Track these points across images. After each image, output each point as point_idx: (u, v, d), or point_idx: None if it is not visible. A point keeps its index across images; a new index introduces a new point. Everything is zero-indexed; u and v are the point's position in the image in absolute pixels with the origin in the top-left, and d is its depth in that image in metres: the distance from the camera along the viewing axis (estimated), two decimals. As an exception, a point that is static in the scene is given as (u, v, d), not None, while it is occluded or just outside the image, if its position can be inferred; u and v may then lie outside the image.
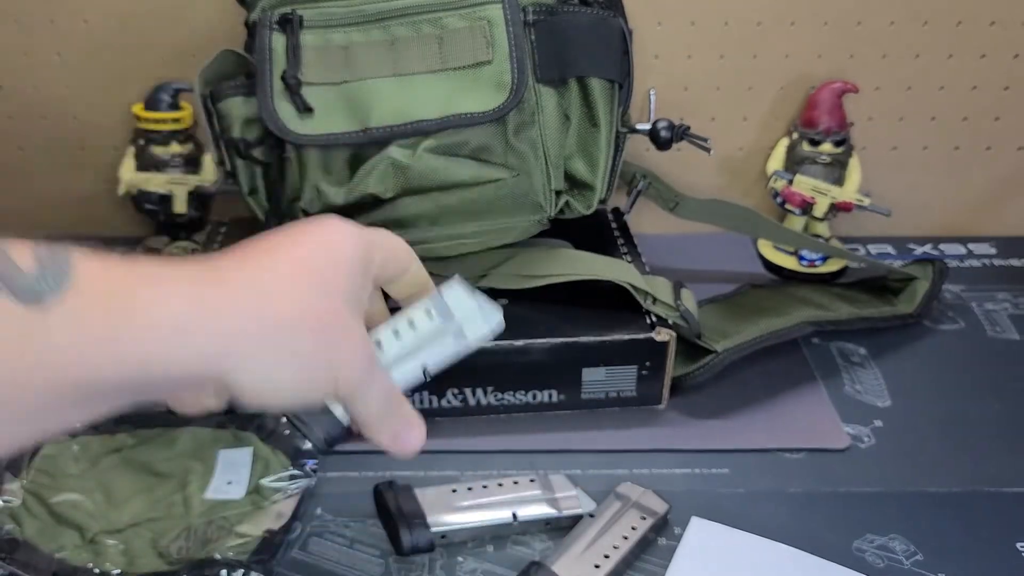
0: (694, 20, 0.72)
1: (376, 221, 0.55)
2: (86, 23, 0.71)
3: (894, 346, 0.65)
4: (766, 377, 0.61)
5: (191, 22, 0.71)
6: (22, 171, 0.77)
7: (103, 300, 0.30)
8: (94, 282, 0.30)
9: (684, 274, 0.63)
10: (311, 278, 0.36)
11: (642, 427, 0.57)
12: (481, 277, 0.59)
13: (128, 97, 0.73)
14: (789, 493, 0.52)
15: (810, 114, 0.72)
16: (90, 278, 0.30)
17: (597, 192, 0.59)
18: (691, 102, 0.75)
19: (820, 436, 0.57)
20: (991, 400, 0.60)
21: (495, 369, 0.55)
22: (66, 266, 0.30)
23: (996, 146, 0.78)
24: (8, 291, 0.29)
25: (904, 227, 0.79)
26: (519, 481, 0.50)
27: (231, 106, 0.55)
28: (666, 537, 0.49)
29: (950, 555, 0.48)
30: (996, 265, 0.76)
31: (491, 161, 0.55)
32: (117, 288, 0.31)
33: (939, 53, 0.74)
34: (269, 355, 0.34)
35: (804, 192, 0.72)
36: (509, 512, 0.49)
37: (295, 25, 0.55)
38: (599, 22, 0.57)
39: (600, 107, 0.57)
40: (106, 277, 0.31)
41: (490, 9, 0.55)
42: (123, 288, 0.31)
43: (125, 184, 0.71)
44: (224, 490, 0.50)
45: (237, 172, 0.56)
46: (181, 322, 0.32)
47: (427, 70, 0.55)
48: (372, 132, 0.53)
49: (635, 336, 0.55)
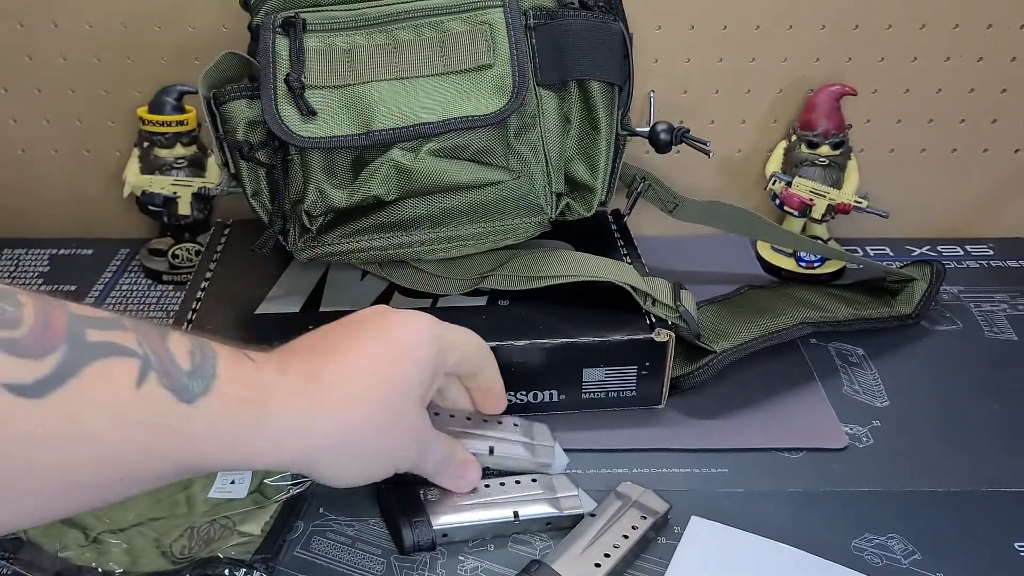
0: (693, 24, 0.72)
1: (379, 223, 0.56)
2: (90, 26, 0.72)
3: (892, 347, 0.66)
4: (765, 377, 0.62)
5: (194, 25, 0.72)
6: (26, 174, 0.78)
7: (237, 407, 0.37)
8: (231, 387, 0.37)
9: (683, 275, 0.63)
10: (383, 388, 0.43)
11: (642, 427, 0.57)
12: (483, 278, 0.59)
13: (132, 100, 0.74)
14: (788, 493, 0.53)
15: (808, 117, 0.73)
16: (229, 382, 0.37)
17: (597, 194, 0.59)
18: (690, 105, 0.75)
19: (819, 436, 0.57)
20: (989, 400, 0.60)
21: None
22: (213, 368, 0.37)
23: (993, 148, 0.78)
24: (168, 388, 0.35)
25: (902, 229, 0.79)
26: (520, 480, 0.51)
27: (235, 109, 0.55)
28: (666, 536, 0.49)
29: (948, 555, 0.48)
30: (993, 266, 0.77)
31: (492, 164, 0.56)
32: (248, 397, 0.38)
33: (937, 56, 0.74)
34: (343, 458, 0.42)
35: (803, 194, 0.72)
36: (510, 511, 0.49)
37: (298, 29, 0.55)
38: (599, 26, 0.57)
39: (600, 110, 0.58)
40: (240, 384, 0.38)
41: (491, 13, 0.56)
42: (252, 399, 0.38)
43: (129, 186, 0.72)
44: (227, 489, 0.50)
45: (241, 174, 0.56)
46: (284, 437, 0.39)
47: (429, 73, 0.55)
48: (375, 135, 0.54)
49: (635, 337, 0.56)
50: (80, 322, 0.34)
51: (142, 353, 0.34)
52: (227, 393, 0.37)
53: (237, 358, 0.39)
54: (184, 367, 0.36)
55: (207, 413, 0.36)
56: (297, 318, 0.58)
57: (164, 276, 0.74)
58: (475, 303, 0.59)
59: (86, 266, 0.76)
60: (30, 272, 0.75)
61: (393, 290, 0.61)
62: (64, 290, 0.73)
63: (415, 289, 0.60)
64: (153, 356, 0.35)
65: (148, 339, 0.35)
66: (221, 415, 0.37)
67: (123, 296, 0.72)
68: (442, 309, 0.59)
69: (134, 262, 0.77)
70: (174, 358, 0.36)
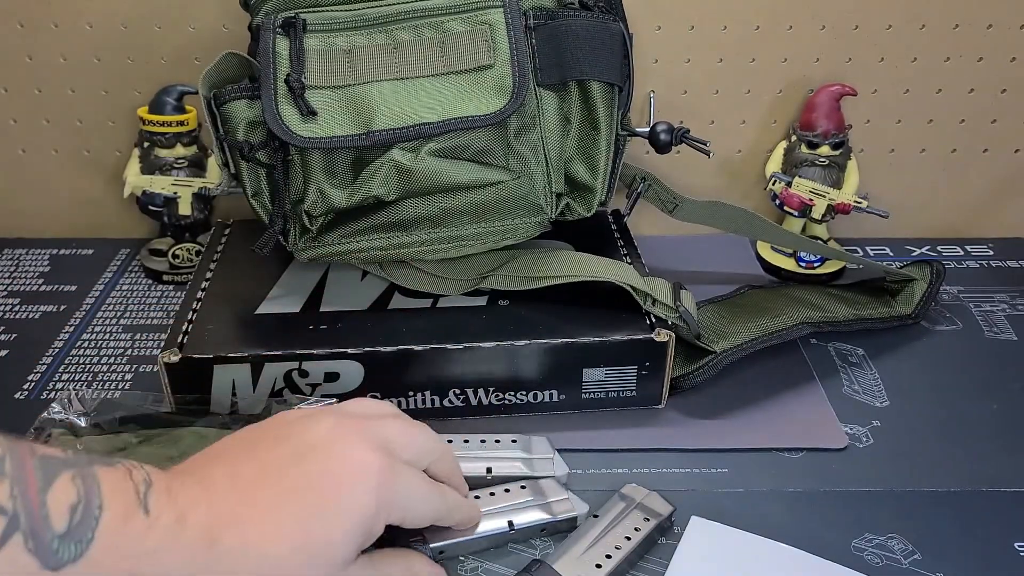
0: (693, 24, 0.72)
1: (379, 223, 0.56)
2: (90, 27, 0.72)
3: (892, 347, 0.66)
4: (765, 377, 0.62)
5: (194, 25, 0.72)
6: (26, 174, 0.78)
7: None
8: (107, 555, 0.32)
9: (683, 275, 0.63)
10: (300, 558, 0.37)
11: (642, 427, 0.57)
12: (483, 278, 0.59)
13: (132, 100, 0.74)
14: (788, 492, 0.53)
15: (808, 117, 0.73)
16: (106, 548, 0.32)
17: (597, 194, 0.59)
18: (690, 105, 0.75)
19: (819, 436, 0.57)
20: (988, 400, 0.60)
21: (496, 369, 0.56)
22: (91, 531, 0.32)
23: (993, 148, 0.78)
24: (33, 552, 0.31)
25: (902, 229, 0.80)
26: (510, 488, 0.50)
27: (235, 109, 0.55)
28: (666, 536, 0.49)
29: (948, 554, 0.48)
30: (993, 266, 0.77)
31: (492, 164, 0.56)
32: (125, 568, 0.33)
33: (936, 56, 0.74)
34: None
35: (802, 194, 0.72)
36: (505, 521, 0.48)
37: (298, 29, 0.55)
38: (599, 26, 0.57)
39: (600, 110, 0.58)
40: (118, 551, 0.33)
41: (491, 13, 0.56)
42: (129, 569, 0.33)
43: (130, 186, 0.72)
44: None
45: (241, 175, 0.57)
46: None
47: (429, 74, 0.55)
48: (375, 135, 0.54)
49: (635, 337, 0.56)
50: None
51: (11, 509, 0.31)
52: (100, 561, 0.32)
53: (128, 510, 0.34)
54: (57, 528, 0.32)
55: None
56: (297, 318, 0.58)
57: (164, 276, 0.74)
58: (475, 303, 0.59)
59: (86, 266, 0.76)
60: (30, 272, 0.75)
61: (393, 290, 0.61)
62: (64, 290, 0.73)
63: (415, 289, 0.60)
64: (24, 513, 0.31)
65: (26, 490, 0.31)
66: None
67: (123, 296, 0.72)
68: (442, 309, 0.59)
69: (134, 262, 0.77)
70: (48, 515, 0.32)
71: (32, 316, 0.70)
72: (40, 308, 0.71)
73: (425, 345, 0.55)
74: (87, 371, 0.64)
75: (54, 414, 0.52)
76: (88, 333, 0.68)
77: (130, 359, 0.65)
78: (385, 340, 0.55)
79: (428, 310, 0.59)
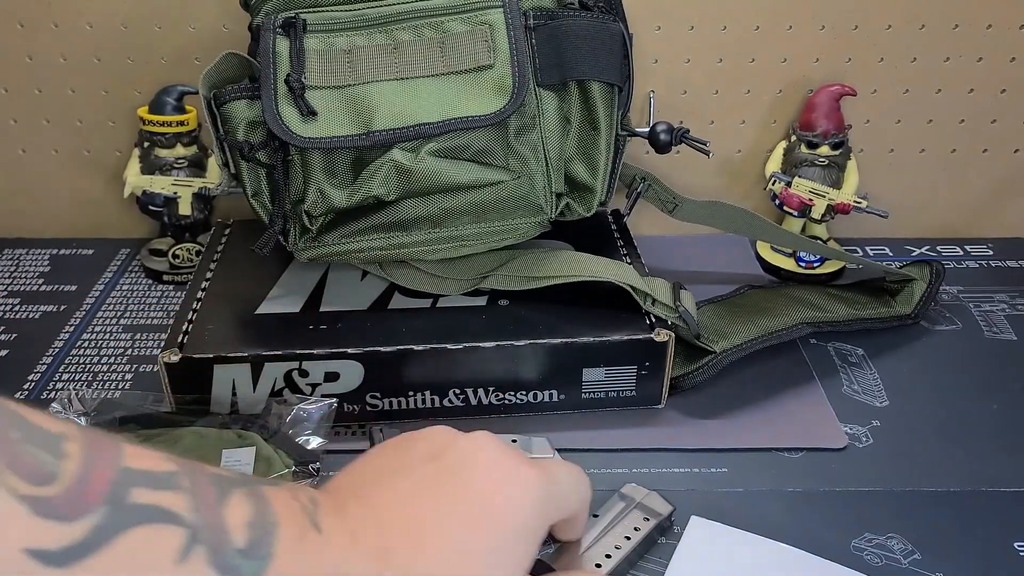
0: (693, 25, 0.72)
1: (379, 223, 0.56)
2: (90, 27, 0.72)
3: (892, 347, 0.66)
4: (765, 377, 0.62)
5: (194, 25, 0.72)
6: (27, 174, 0.78)
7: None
8: (287, 570, 0.31)
9: (683, 275, 0.63)
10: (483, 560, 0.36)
11: (642, 427, 0.57)
12: (483, 278, 0.59)
13: (132, 100, 0.74)
14: (788, 492, 0.53)
15: (808, 117, 0.73)
16: (286, 565, 0.31)
17: (597, 194, 0.59)
18: (690, 105, 0.75)
19: (818, 436, 0.57)
20: (988, 400, 0.60)
21: (496, 369, 0.56)
22: (270, 547, 0.31)
23: (993, 148, 0.78)
24: (216, 567, 0.29)
25: (901, 229, 0.80)
26: None
27: (235, 109, 0.55)
28: (666, 536, 0.49)
29: (948, 554, 0.48)
30: (993, 266, 0.77)
31: (492, 164, 0.56)
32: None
33: (936, 56, 0.74)
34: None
35: (802, 194, 0.72)
36: None
37: (298, 29, 0.55)
38: (599, 26, 0.57)
39: (600, 110, 0.58)
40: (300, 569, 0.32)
41: (491, 14, 0.56)
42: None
43: (130, 186, 0.72)
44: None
45: (241, 175, 0.57)
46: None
47: (429, 74, 0.55)
48: (375, 135, 0.54)
49: (635, 337, 0.56)
50: (128, 478, 0.29)
51: (191, 522, 0.30)
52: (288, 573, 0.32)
53: (301, 529, 0.33)
54: (238, 543, 0.31)
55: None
56: (297, 318, 0.58)
57: (164, 276, 0.74)
58: (475, 303, 0.59)
59: (86, 266, 0.76)
60: (30, 272, 0.75)
61: (393, 290, 0.61)
62: (64, 290, 0.73)
63: (415, 289, 0.60)
64: (204, 526, 0.30)
65: (203, 503, 0.31)
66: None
67: (123, 296, 0.72)
68: (442, 309, 0.59)
69: (134, 262, 0.77)
70: (228, 530, 0.31)
71: (32, 316, 0.70)
72: (40, 308, 0.71)
73: (425, 345, 0.55)
74: (87, 371, 0.64)
75: (54, 414, 0.52)
76: (88, 333, 0.68)
77: (130, 359, 0.65)
78: (385, 340, 0.55)
79: (428, 310, 0.59)
